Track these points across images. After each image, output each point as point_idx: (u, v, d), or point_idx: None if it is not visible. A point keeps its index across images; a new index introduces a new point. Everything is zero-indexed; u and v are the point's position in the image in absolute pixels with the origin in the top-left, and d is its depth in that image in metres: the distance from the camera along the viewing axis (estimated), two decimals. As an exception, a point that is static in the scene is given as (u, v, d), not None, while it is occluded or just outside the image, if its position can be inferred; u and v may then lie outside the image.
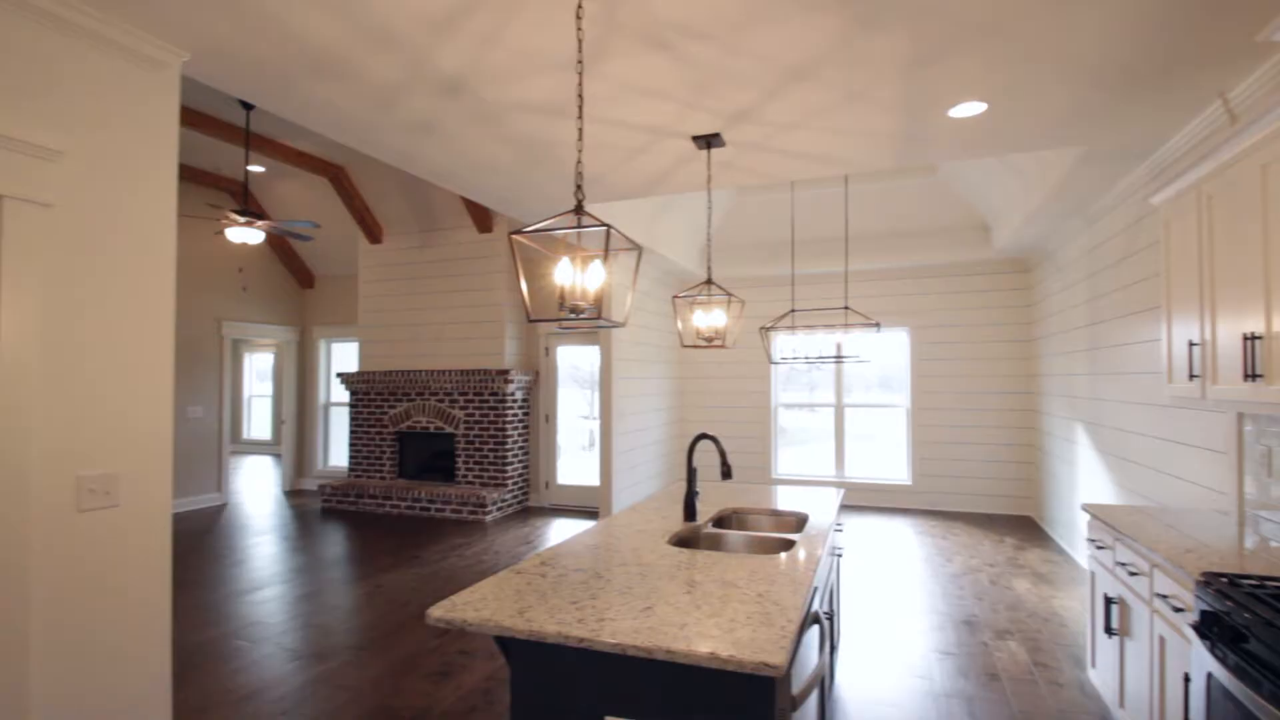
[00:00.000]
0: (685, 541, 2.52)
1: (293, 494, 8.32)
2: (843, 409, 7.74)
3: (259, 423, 13.15)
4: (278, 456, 11.60)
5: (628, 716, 1.52)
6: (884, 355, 7.67)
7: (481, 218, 6.69)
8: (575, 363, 7.34)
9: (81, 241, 2.16)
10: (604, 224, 1.80)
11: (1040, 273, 6.63)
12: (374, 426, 7.32)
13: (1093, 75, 2.69)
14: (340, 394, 8.54)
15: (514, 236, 1.88)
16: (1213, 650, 1.77)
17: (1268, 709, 1.47)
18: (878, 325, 5.23)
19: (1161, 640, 2.24)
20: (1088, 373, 5.19)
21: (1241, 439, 2.89)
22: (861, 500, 7.58)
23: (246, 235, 5.08)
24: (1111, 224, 4.60)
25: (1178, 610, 2.09)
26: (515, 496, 6.93)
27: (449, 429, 6.96)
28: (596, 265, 1.94)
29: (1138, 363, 4.22)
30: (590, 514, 6.80)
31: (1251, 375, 2.21)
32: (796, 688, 1.51)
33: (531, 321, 1.89)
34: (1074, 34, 2.37)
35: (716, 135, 3.21)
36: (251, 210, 5.15)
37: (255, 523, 6.71)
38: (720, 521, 2.85)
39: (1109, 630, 2.70)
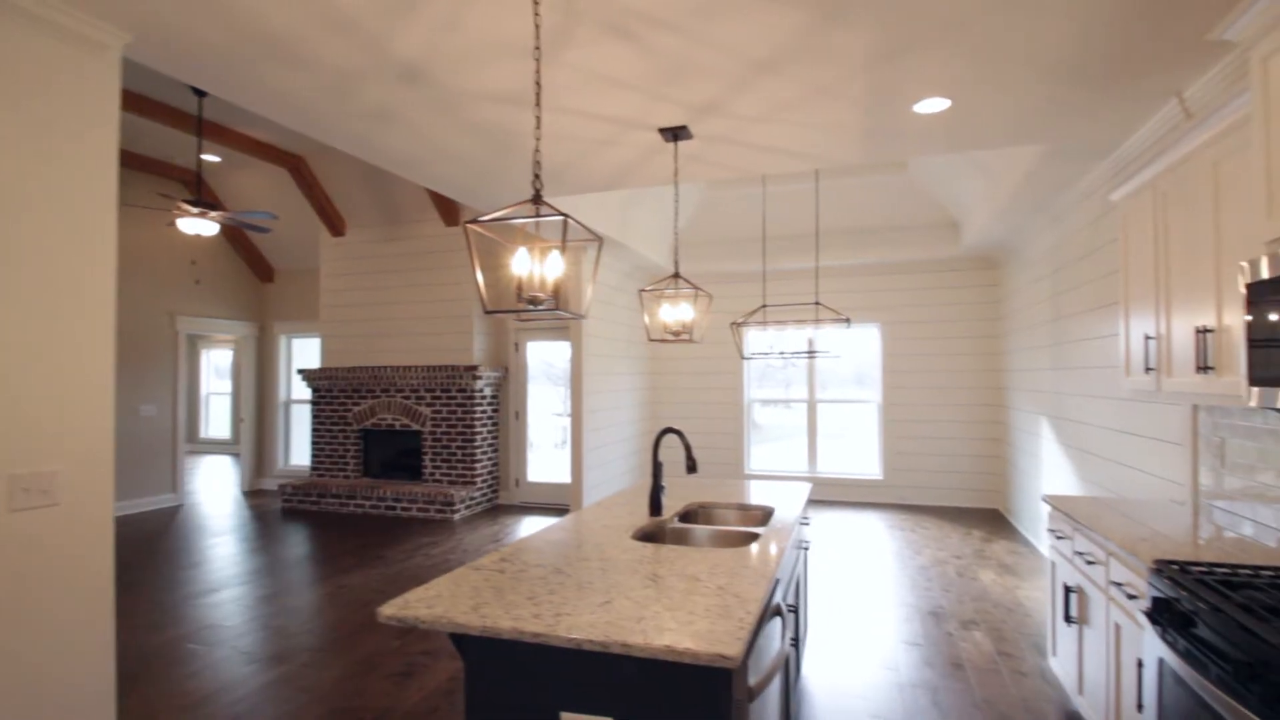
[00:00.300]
0: (650, 536, 2.49)
1: (252, 494, 8.11)
2: (815, 405, 7.80)
3: (218, 421, 12.79)
4: (237, 456, 11.29)
5: (585, 712, 1.48)
6: (856, 351, 7.74)
7: (447, 210, 6.58)
8: (548, 359, 7.26)
9: (13, 230, 2.05)
10: (562, 214, 1.75)
11: (1007, 270, 6.75)
12: (337, 424, 7.16)
13: (1054, 73, 2.72)
14: (302, 391, 8.33)
15: (469, 225, 1.82)
16: (1164, 636, 1.79)
17: (1214, 693, 1.49)
18: (848, 320, 5.27)
19: (1117, 627, 2.28)
20: (1051, 368, 5.29)
21: (1196, 431, 2.96)
22: (834, 495, 7.65)
23: (200, 226, 4.91)
24: (1074, 221, 4.69)
25: (1132, 597, 2.12)
26: (484, 494, 6.83)
27: (415, 426, 6.84)
28: (555, 256, 1.90)
29: (1098, 357, 4.31)
30: (561, 511, 6.75)
31: (1204, 368, 2.26)
32: (754, 678, 1.49)
33: (488, 313, 1.83)
34: (1036, 32, 2.39)
35: (684, 128, 3.18)
36: (205, 200, 4.98)
37: (212, 523, 6.51)
38: (686, 516, 2.82)
39: (1068, 619, 2.74)
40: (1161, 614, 1.81)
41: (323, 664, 3.38)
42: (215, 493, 8.17)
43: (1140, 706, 2.01)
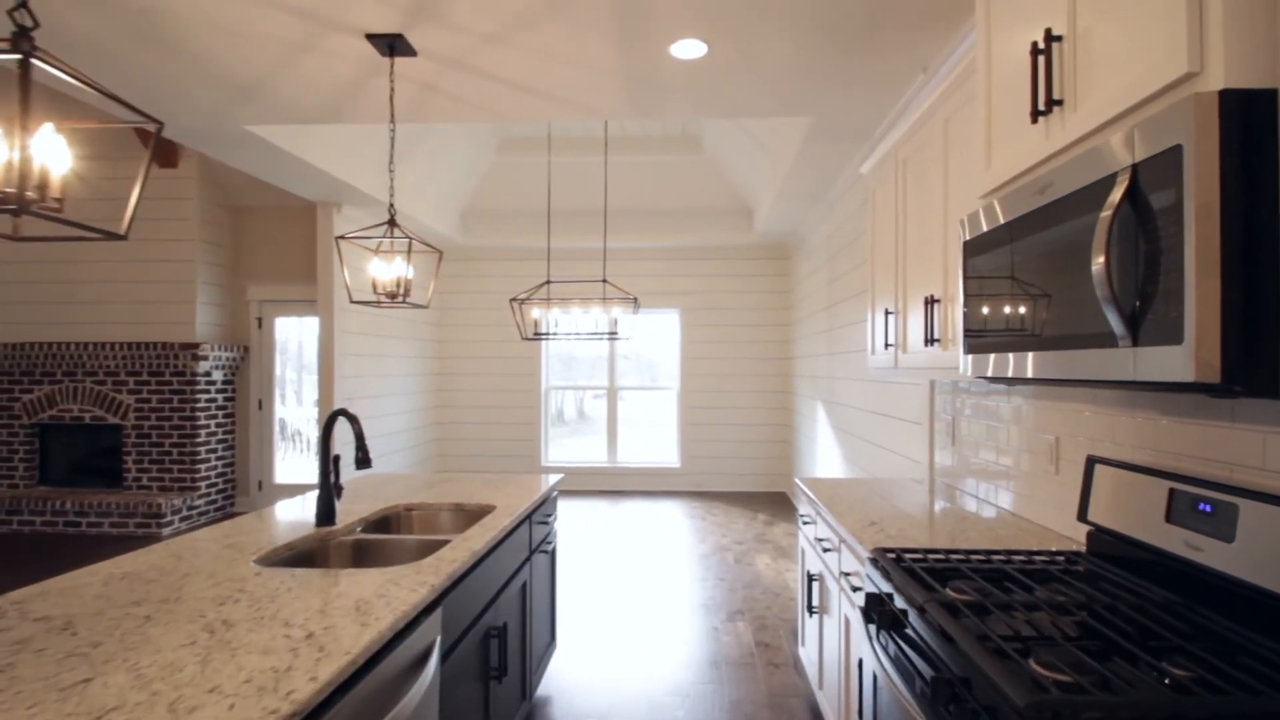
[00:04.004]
0: (302, 557, 1.86)
1: (-122, 514, 6.03)
2: (615, 392, 7.53)
3: None
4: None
5: None
6: (657, 338, 7.61)
7: (163, 150, 5.27)
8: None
9: None
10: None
11: (795, 259, 6.95)
12: (0, 418, 5.49)
13: (808, 29, 2.51)
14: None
15: None
16: (876, 637, 1.56)
17: (913, 709, 1.23)
18: (635, 301, 4.97)
19: (847, 622, 2.08)
20: (826, 353, 5.43)
21: (933, 408, 2.96)
22: (635, 485, 7.43)
23: None
24: (845, 208, 4.78)
25: (856, 589, 1.91)
26: (212, 502, 5.61)
27: (114, 419, 5.42)
28: (50, 137, 1.21)
29: (858, 341, 4.39)
30: (319, 516, 5.74)
31: (931, 340, 2.13)
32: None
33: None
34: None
35: (399, 37, 2.56)
36: None
37: None
38: (379, 523, 2.23)
39: (810, 609, 2.57)
40: (874, 612, 1.57)
41: None
42: None
43: (861, 713, 1.79)
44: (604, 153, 5.66)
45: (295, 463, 6.14)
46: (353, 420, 1.92)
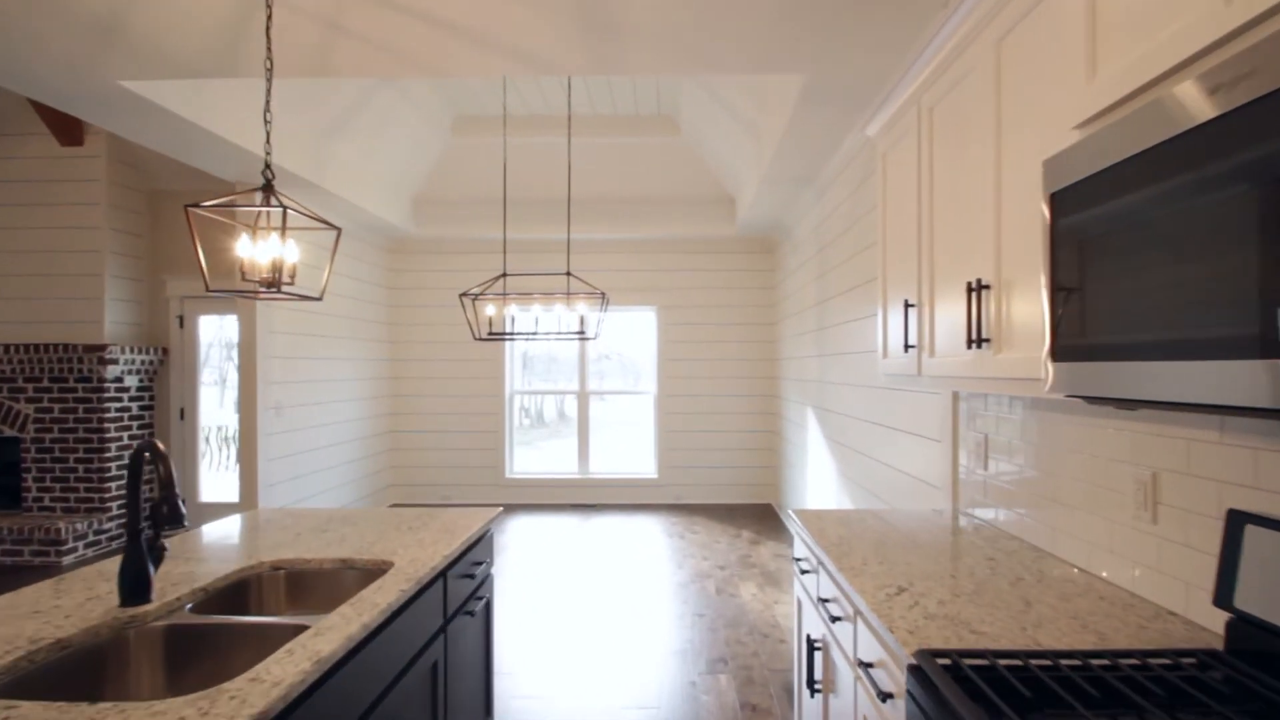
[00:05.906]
0: (68, 664, 1.26)
1: None
2: (586, 396, 6.95)
3: None
4: None
5: None
6: (637, 338, 7.08)
7: (65, 125, 4.60)
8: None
9: None
10: None
11: (781, 253, 6.42)
12: None
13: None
14: None
15: None
16: (932, 810, 1.00)
17: None
18: (603, 296, 4.40)
19: (865, 727, 1.53)
20: (817, 355, 4.90)
21: (957, 426, 2.43)
22: (609, 497, 6.86)
23: None
24: (838, 193, 4.25)
25: (886, 697, 1.35)
26: (124, 525, 4.95)
27: (11, 431, 4.74)
28: None
29: (857, 340, 3.86)
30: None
31: (977, 340, 1.59)
32: None
33: None
34: None
35: (276, -54, 1.97)
36: None
37: None
38: (230, 591, 1.63)
39: (812, 687, 2.01)
40: (926, 766, 1.01)
41: None
42: None
43: None
44: (568, 131, 5.07)
45: (234, 477, 5.50)
46: (161, 458, 1.33)
